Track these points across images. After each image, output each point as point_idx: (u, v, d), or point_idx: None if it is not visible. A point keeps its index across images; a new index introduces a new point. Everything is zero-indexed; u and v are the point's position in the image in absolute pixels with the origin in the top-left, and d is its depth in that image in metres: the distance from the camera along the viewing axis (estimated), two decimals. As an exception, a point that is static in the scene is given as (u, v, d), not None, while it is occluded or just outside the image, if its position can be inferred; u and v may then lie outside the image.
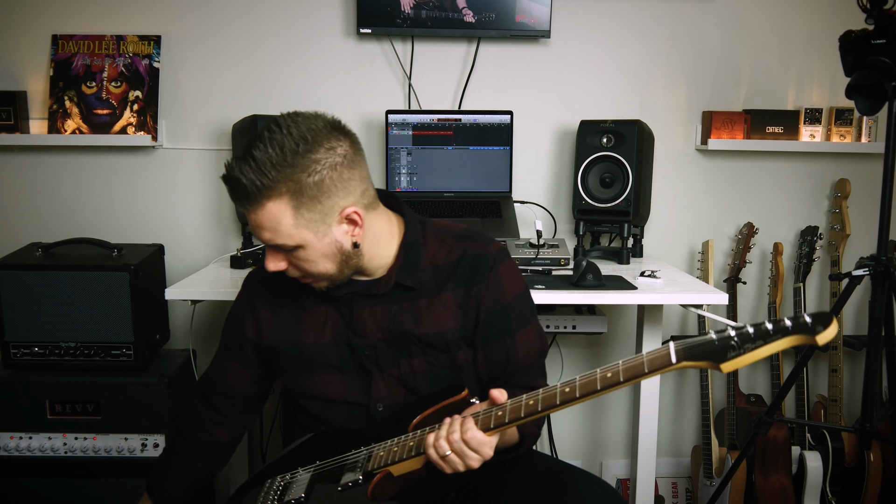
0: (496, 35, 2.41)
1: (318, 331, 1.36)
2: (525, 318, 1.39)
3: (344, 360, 1.36)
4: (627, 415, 2.68)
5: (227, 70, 2.44)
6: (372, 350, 1.34)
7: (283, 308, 1.39)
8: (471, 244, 1.36)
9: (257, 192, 1.17)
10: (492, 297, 1.34)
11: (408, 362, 1.34)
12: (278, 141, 1.18)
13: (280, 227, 1.20)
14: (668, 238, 2.58)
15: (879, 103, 1.90)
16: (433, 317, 1.33)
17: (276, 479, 1.36)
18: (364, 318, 1.34)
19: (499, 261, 1.35)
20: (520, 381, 1.38)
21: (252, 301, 1.42)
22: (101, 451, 2.01)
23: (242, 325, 1.43)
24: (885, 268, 1.92)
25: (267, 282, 1.41)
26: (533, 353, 1.39)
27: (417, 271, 1.33)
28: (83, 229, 2.39)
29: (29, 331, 1.98)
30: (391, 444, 1.23)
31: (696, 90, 2.52)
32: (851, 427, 2.06)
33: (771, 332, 0.93)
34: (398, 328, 1.33)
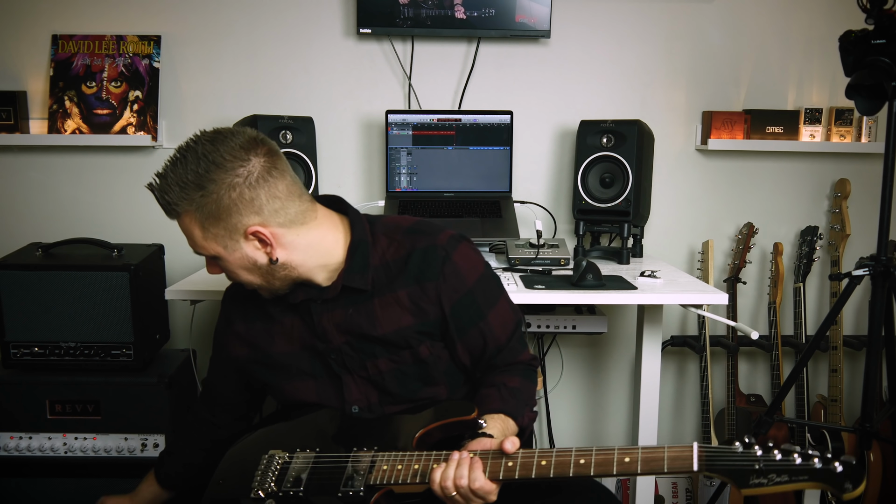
0: (496, 35, 2.41)
1: (287, 340, 1.39)
2: (492, 296, 1.39)
3: (314, 366, 1.39)
4: (627, 414, 2.68)
5: (227, 70, 2.44)
6: (338, 354, 1.36)
7: (256, 320, 1.43)
8: (418, 238, 1.35)
9: (168, 207, 1.27)
10: (452, 288, 1.33)
11: (373, 363, 1.35)
12: (184, 161, 1.25)
13: (194, 238, 1.29)
14: (668, 238, 2.58)
15: (879, 103, 1.90)
16: (389, 315, 1.34)
17: (274, 457, 1.34)
18: (324, 323, 1.36)
19: (451, 250, 1.34)
20: (504, 360, 1.39)
21: (228, 316, 1.48)
22: (101, 451, 2.01)
23: (224, 341, 1.49)
24: (885, 268, 1.92)
25: (239, 296, 1.45)
26: (509, 327, 1.40)
27: (367, 272, 1.34)
28: (83, 229, 2.39)
29: (29, 331, 1.98)
30: (395, 460, 1.23)
31: (696, 90, 2.52)
32: (851, 427, 2.06)
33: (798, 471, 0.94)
34: (356, 330, 1.34)
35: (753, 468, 0.97)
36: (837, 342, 2.43)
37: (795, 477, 0.94)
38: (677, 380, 2.69)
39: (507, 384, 1.36)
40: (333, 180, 2.49)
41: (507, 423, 1.31)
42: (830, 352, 2.44)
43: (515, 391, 1.36)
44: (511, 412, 1.32)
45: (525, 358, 1.42)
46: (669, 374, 2.67)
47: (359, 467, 1.25)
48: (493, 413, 1.31)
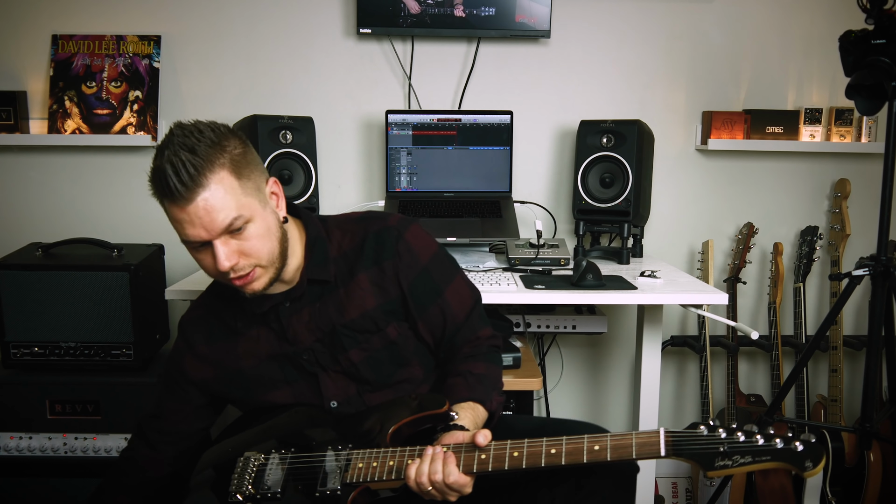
0: (496, 35, 2.41)
1: (255, 353, 1.39)
2: (448, 273, 1.42)
3: (287, 372, 1.39)
4: (627, 414, 2.68)
5: (227, 70, 2.44)
6: (310, 353, 1.37)
7: (218, 340, 1.42)
8: (370, 223, 1.40)
9: (200, 169, 1.17)
10: (408, 265, 1.37)
11: (345, 356, 1.36)
12: (193, 132, 1.21)
13: (230, 198, 1.20)
14: (668, 238, 2.58)
15: (879, 103, 1.90)
16: (353, 300, 1.36)
17: (250, 459, 1.34)
18: (294, 325, 1.36)
19: (402, 230, 1.38)
20: (465, 337, 1.42)
21: (188, 341, 1.44)
22: (101, 451, 2.01)
23: (183, 366, 1.44)
24: (885, 268, 1.92)
25: (199, 319, 1.44)
26: (467, 304, 1.43)
27: (327, 265, 1.36)
28: (83, 229, 2.39)
29: (29, 331, 1.98)
30: (370, 457, 1.24)
31: (696, 90, 2.52)
32: (851, 427, 2.06)
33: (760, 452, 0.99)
34: (326, 324, 1.36)
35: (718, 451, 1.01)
36: (837, 342, 2.43)
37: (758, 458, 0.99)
38: (677, 380, 2.69)
39: (473, 371, 1.38)
40: (333, 180, 2.49)
41: (477, 409, 1.33)
42: (830, 352, 2.44)
43: (481, 377, 1.37)
44: (479, 398, 1.34)
45: (485, 335, 1.44)
46: (669, 374, 2.67)
47: (334, 466, 1.27)
48: (461, 402, 1.32)
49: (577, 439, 1.12)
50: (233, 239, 1.23)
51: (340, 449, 1.28)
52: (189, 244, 1.24)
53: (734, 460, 1.00)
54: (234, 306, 1.40)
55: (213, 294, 1.46)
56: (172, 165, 1.17)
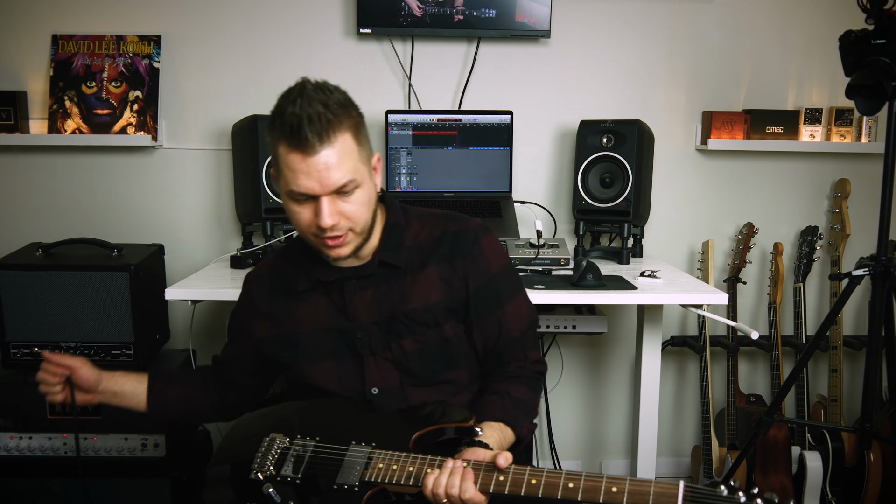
0: (496, 35, 2.41)
1: (312, 319, 1.40)
2: (513, 288, 1.44)
3: (337, 347, 1.39)
4: (627, 415, 2.68)
5: (227, 70, 2.44)
6: (364, 333, 1.38)
7: (280, 301, 1.44)
8: (451, 222, 1.42)
9: (331, 123, 1.21)
10: (478, 270, 1.39)
11: (398, 344, 1.37)
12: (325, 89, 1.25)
13: (348, 160, 1.24)
14: (668, 238, 2.58)
15: (879, 103, 1.90)
16: (418, 291, 1.37)
17: (275, 440, 1.36)
18: (355, 302, 1.38)
19: (480, 235, 1.40)
20: (514, 354, 1.43)
21: (252, 298, 1.47)
22: (101, 451, 2.01)
23: (244, 321, 1.48)
24: (885, 268, 1.92)
25: (264, 277, 1.48)
26: (524, 323, 1.44)
27: (401, 251, 1.38)
28: (83, 229, 2.39)
29: (29, 331, 1.98)
30: (391, 459, 1.25)
31: (696, 90, 2.52)
32: (851, 427, 2.06)
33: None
34: (387, 308, 1.37)
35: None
36: (837, 342, 2.43)
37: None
38: (677, 380, 2.69)
39: (511, 393, 1.39)
40: (333, 180, 2.49)
41: (506, 432, 1.34)
42: (830, 352, 2.44)
43: (518, 402, 1.38)
44: (511, 422, 1.35)
45: (533, 357, 1.46)
46: (669, 374, 2.67)
47: (355, 462, 1.27)
48: (493, 421, 1.33)
49: (597, 478, 1.12)
50: (339, 199, 1.26)
51: (364, 445, 1.29)
52: (293, 195, 1.26)
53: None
54: (300, 270, 1.41)
55: (282, 256, 1.48)
56: (308, 115, 1.20)
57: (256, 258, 2.13)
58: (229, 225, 2.50)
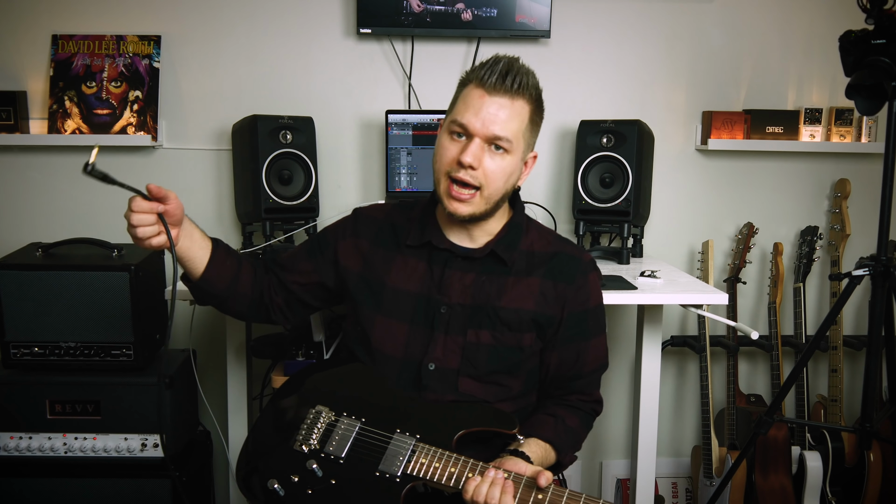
0: (496, 35, 2.41)
1: (405, 278, 1.43)
2: (600, 327, 1.51)
3: (417, 313, 1.41)
4: (627, 415, 2.68)
5: (227, 70, 2.44)
6: (448, 310, 1.40)
7: (381, 246, 1.47)
8: (568, 246, 1.50)
9: (523, 87, 1.32)
10: (578, 299, 1.44)
11: (475, 332, 1.39)
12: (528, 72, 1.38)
13: (516, 122, 1.33)
14: (668, 238, 2.58)
15: (879, 103, 1.90)
16: (516, 294, 1.40)
17: (322, 413, 1.38)
18: (453, 280, 1.41)
19: (589, 270, 1.47)
20: (580, 387, 1.48)
21: (357, 229, 1.50)
22: (101, 451, 2.01)
23: (338, 245, 1.50)
24: (885, 268, 1.92)
25: (374, 220, 1.51)
26: (600, 360, 1.50)
27: (514, 250, 1.43)
28: (83, 229, 2.39)
29: (29, 331, 1.98)
30: (434, 456, 1.28)
31: (696, 90, 2.52)
32: (851, 427, 2.06)
33: None
34: (481, 297, 1.39)
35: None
36: (837, 342, 2.43)
37: None
38: (677, 380, 2.69)
39: (566, 421, 1.44)
40: (333, 180, 2.49)
41: (549, 453, 1.39)
42: (830, 352, 2.44)
43: (570, 430, 1.44)
44: (558, 446, 1.40)
45: (596, 397, 1.52)
46: (669, 374, 2.67)
47: (398, 451, 1.31)
48: (542, 440, 1.38)
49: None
50: (488, 152, 1.33)
51: (408, 436, 1.32)
52: (453, 126, 1.35)
53: None
54: (416, 226, 1.44)
55: (399, 208, 1.52)
56: (515, 68, 1.33)
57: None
58: (229, 225, 2.51)
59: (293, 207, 2.21)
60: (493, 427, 1.34)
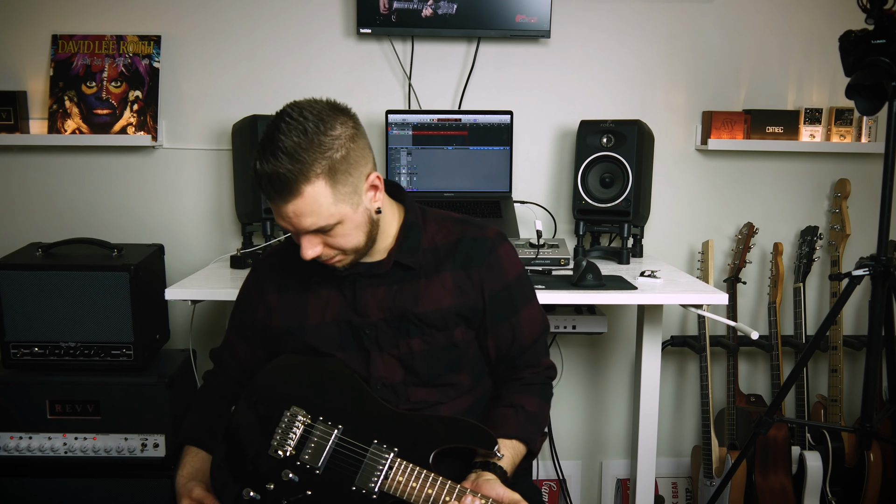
0: (496, 35, 2.41)
1: (321, 312, 1.41)
2: (527, 296, 1.47)
3: (345, 340, 1.40)
4: (627, 415, 2.68)
5: (227, 70, 2.44)
6: (373, 329, 1.38)
7: (289, 291, 1.44)
8: (468, 228, 1.43)
9: (294, 181, 1.20)
10: (494, 278, 1.41)
11: (406, 342, 1.38)
12: (297, 127, 1.22)
13: (321, 208, 1.23)
14: (668, 238, 2.58)
15: (879, 103, 1.90)
16: (432, 295, 1.38)
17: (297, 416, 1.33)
18: (366, 298, 1.38)
19: (497, 243, 1.42)
20: (527, 361, 1.46)
21: (260, 286, 1.47)
22: (101, 451, 2.01)
23: (252, 308, 1.48)
24: (885, 268, 1.92)
25: (275, 267, 1.47)
26: (537, 330, 1.47)
27: (417, 252, 1.39)
28: (83, 229, 2.39)
29: (29, 331, 1.98)
30: (411, 475, 1.27)
31: (696, 90, 2.52)
32: (851, 427, 2.06)
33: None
34: (398, 307, 1.38)
35: None
36: (837, 342, 2.43)
37: None
38: (677, 380, 2.69)
39: (526, 407, 1.42)
40: (333, 180, 2.49)
41: (518, 448, 1.38)
42: (830, 352, 2.44)
43: (532, 416, 1.42)
44: (525, 438, 1.39)
45: (545, 363, 1.49)
46: (669, 374, 2.67)
47: (375, 465, 1.29)
48: (507, 438, 1.37)
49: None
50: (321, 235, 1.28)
51: (385, 448, 1.30)
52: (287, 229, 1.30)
53: None
54: (314, 264, 1.37)
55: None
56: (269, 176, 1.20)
57: (256, 258, 2.12)
58: (229, 225, 2.51)
59: (293, 207, 2.21)
60: (472, 445, 1.32)
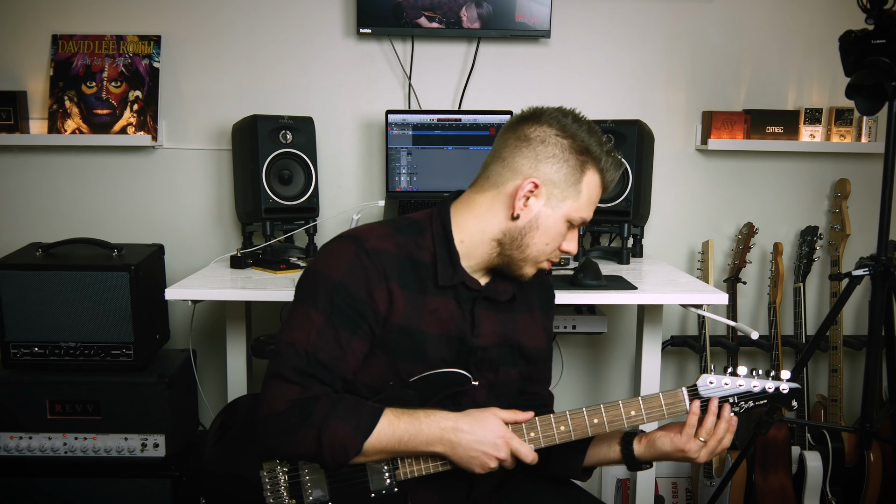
0: (496, 35, 2.41)
1: (438, 321, 1.29)
2: None
3: (452, 355, 1.30)
4: (627, 415, 2.67)
5: (227, 70, 2.44)
6: (483, 352, 1.32)
7: (409, 289, 1.26)
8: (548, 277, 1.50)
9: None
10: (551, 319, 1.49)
11: (506, 370, 1.37)
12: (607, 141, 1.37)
13: None
14: (668, 238, 2.58)
15: (879, 103, 1.90)
16: (532, 331, 1.41)
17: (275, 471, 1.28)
18: (483, 319, 1.33)
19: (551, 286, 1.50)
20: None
21: (384, 272, 1.24)
22: (101, 451, 2.01)
23: (373, 295, 1.22)
24: (885, 268, 1.92)
25: (395, 257, 1.27)
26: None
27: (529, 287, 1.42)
28: (83, 229, 2.39)
29: (29, 331, 1.98)
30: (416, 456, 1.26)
31: (696, 90, 2.52)
32: (851, 427, 2.06)
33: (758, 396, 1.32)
34: (508, 335, 1.36)
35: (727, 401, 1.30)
36: (837, 342, 2.43)
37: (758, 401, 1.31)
38: (677, 380, 2.69)
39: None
40: (333, 180, 2.49)
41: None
42: (830, 352, 2.44)
43: None
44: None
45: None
46: (669, 374, 2.67)
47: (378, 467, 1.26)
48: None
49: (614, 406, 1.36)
50: None
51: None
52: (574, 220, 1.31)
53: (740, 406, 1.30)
54: (440, 265, 1.29)
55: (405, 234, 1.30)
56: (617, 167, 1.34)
57: (256, 258, 2.12)
58: (229, 225, 2.51)
59: (293, 207, 2.21)
60: (451, 391, 1.28)
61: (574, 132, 1.34)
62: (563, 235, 1.30)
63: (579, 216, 1.29)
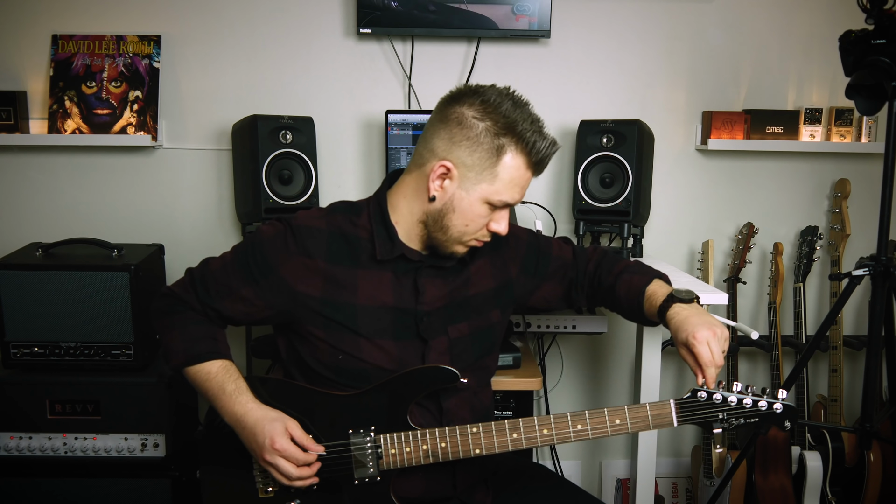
0: (496, 35, 2.41)
1: (373, 293, 1.33)
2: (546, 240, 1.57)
3: (398, 328, 1.34)
4: (627, 415, 2.67)
5: (227, 70, 2.44)
6: (428, 318, 1.37)
7: (339, 262, 1.32)
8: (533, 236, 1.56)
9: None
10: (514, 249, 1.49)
11: (455, 327, 1.39)
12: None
13: None
14: (668, 238, 2.58)
15: (879, 103, 1.91)
16: (477, 279, 1.43)
17: None
18: (427, 287, 1.37)
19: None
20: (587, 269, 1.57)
21: (305, 246, 1.32)
22: (101, 451, 2.01)
23: (282, 265, 1.32)
24: (885, 268, 1.92)
25: (322, 233, 1.34)
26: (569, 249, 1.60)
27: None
28: (83, 229, 2.39)
29: (29, 331, 1.98)
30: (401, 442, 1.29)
31: (696, 90, 2.52)
32: (851, 427, 2.06)
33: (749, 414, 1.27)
34: (453, 295, 1.39)
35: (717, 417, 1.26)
36: (837, 342, 2.43)
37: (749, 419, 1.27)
38: (677, 380, 2.69)
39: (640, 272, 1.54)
40: (333, 180, 2.49)
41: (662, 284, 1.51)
42: (830, 352, 2.44)
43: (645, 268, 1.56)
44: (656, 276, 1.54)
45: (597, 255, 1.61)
46: (669, 374, 2.67)
47: (364, 452, 1.29)
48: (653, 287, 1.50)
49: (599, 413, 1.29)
50: None
51: (362, 433, 1.30)
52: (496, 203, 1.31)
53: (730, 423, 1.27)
54: (378, 241, 1.33)
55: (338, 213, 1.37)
56: (549, 146, 1.34)
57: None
58: (229, 225, 2.51)
59: (293, 207, 2.21)
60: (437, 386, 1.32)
61: (495, 114, 1.31)
62: (484, 217, 1.31)
63: (499, 199, 1.30)
